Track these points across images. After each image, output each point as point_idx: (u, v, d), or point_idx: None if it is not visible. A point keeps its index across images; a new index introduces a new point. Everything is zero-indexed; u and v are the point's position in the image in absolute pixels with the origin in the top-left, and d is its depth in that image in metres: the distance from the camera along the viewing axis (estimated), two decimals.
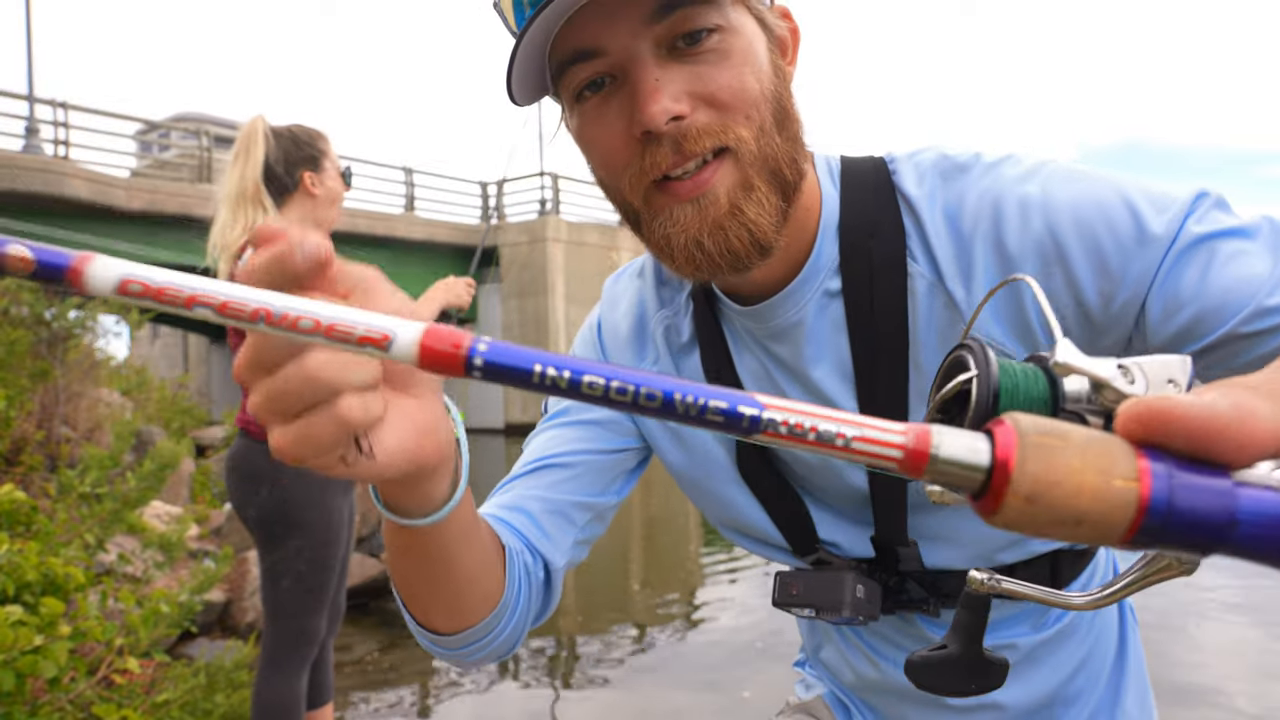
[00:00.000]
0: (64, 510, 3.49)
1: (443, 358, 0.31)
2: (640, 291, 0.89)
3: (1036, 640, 0.85)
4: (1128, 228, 0.65)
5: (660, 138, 0.64)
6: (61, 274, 0.33)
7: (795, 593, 0.81)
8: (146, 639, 2.66)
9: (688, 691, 3.65)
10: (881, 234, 0.72)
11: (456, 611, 0.68)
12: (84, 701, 2.43)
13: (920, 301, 0.72)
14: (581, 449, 0.85)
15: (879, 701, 0.94)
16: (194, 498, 6.63)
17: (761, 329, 0.78)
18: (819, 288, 0.75)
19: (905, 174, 0.74)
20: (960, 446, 0.30)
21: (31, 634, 2.18)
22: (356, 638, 4.40)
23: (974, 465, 0.30)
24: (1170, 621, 4.23)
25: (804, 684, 1.07)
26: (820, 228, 0.74)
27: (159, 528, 4.23)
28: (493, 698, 3.65)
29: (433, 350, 0.32)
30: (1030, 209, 0.67)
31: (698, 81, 0.64)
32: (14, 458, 5.07)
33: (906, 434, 0.30)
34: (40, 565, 2.55)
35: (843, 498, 0.82)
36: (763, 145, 0.66)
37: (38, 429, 5.44)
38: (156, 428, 7.33)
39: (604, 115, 0.67)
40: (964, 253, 0.70)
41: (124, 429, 3.97)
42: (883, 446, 0.30)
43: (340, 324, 0.32)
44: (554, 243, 19.97)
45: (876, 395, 0.74)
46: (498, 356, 0.31)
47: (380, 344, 0.32)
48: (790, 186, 0.68)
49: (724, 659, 4.02)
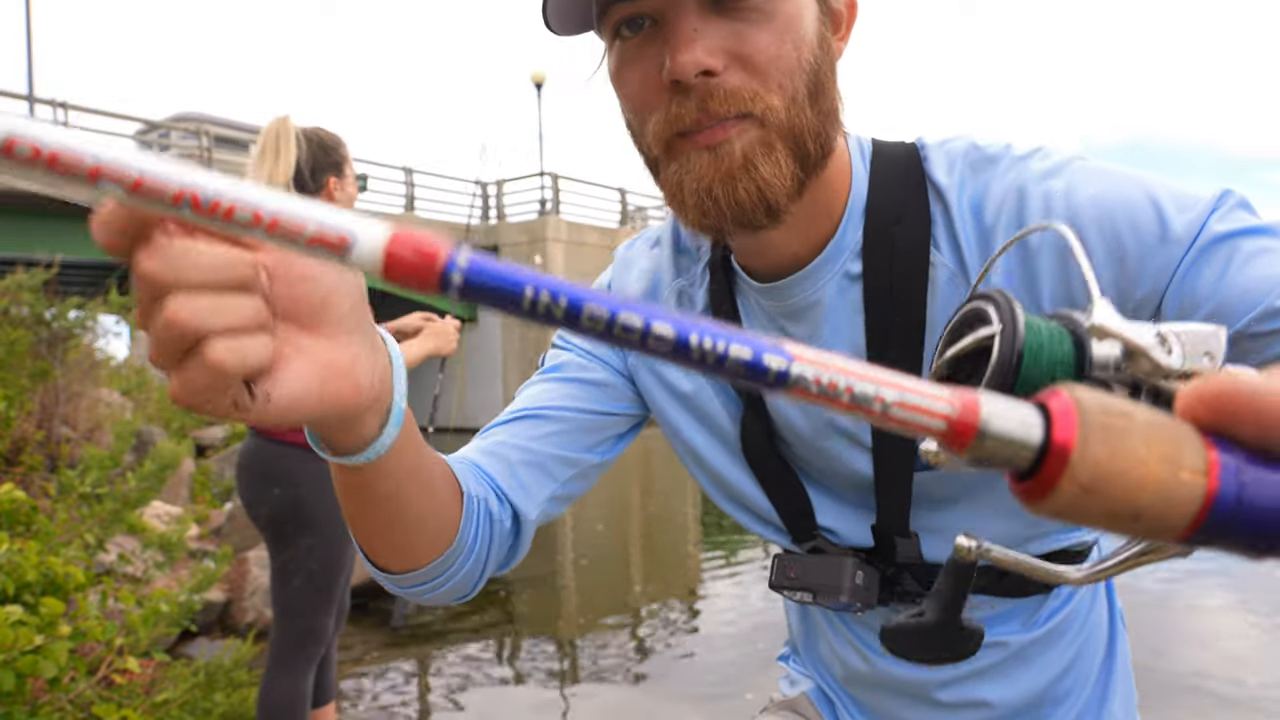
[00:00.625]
0: (64, 510, 3.49)
1: (413, 269, 0.26)
2: (655, 259, 0.88)
3: (1027, 639, 0.85)
4: (1150, 225, 0.64)
5: (689, 90, 0.63)
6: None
7: (793, 575, 0.80)
8: (146, 639, 2.66)
9: (688, 692, 3.66)
10: (907, 220, 0.72)
11: (405, 550, 0.66)
12: (84, 701, 2.43)
13: (940, 291, 0.71)
14: (573, 405, 0.83)
15: (867, 696, 0.93)
16: (194, 498, 6.64)
17: (778, 307, 0.77)
18: (840, 269, 0.74)
19: (936, 161, 0.73)
20: (1013, 420, 0.26)
21: (31, 634, 2.18)
22: (356, 638, 4.40)
23: (1026, 443, 0.26)
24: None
25: (788, 679, 1.06)
26: (847, 209, 0.73)
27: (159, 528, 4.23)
28: (492, 697, 3.65)
29: (400, 259, 0.26)
30: (1053, 203, 0.67)
31: (735, 39, 0.63)
32: (14, 458, 5.07)
33: (952, 402, 0.26)
34: (40, 565, 2.55)
35: (846, 484, 0.81)
36: (792, 116, 0.65)
37: (38, 429, 5.44)
38: (156, 428, 7.33)
39: (639, 57, 0.66)
40: (986, 244, 0.70)
41: (124, 429, 3.97)
42: (925, 415, 0.26)
43: (287, 219, 0.26)
44: (554, 243, 19.98)
45: None
46: (481, 272, 0.25)
47: (336, 248, 0.26)
48: (812, 160, 0.67)
49: (724, 660, 4.03)
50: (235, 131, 17.81)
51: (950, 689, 0.86)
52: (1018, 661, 0.85)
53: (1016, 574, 0.60)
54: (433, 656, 4.21)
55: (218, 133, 16.87)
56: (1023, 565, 0.41)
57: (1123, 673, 0.94)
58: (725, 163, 0.64)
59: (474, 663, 4.11)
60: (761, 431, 0.82)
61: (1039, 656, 0.85)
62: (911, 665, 0.85)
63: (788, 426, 0.81)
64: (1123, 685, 0.93)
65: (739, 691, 3.63)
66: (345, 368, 0.43)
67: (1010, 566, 0.41)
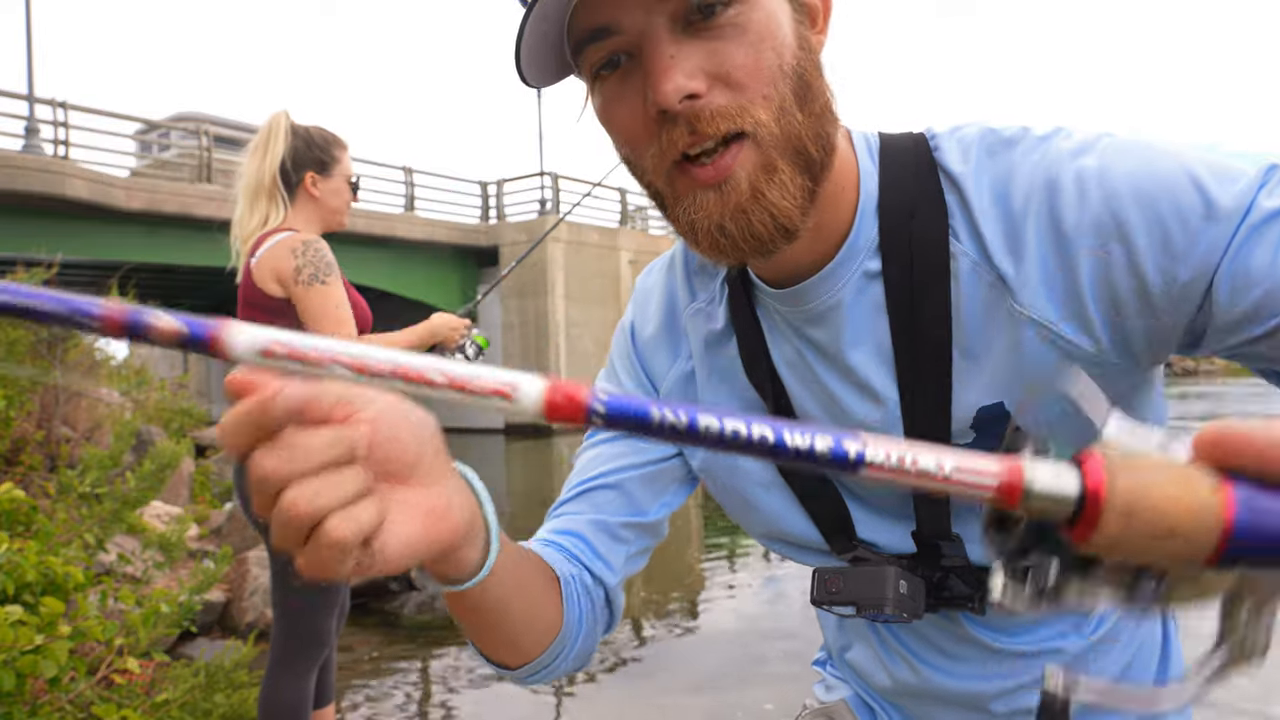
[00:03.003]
0: (64, 510, 3.49)
1: (566, 410, 0.34)
2: (670, 284, 0.88)
3: (1082, 645, 0.82)
4: (1193, 202, 0.61)
5: (676, 117, 0.62)
6: (205, 344, 0.34)
7: (835, 590, 0.78)
8: (146, 639, 2.65)
9: (688, 694, 3.65)
10: (922, 213, 0.70)
11: (518, 649, 0.71)
12: (84, 701, 2.43)
13: (963, 281, 0.69)
14: (626, 464, 0.85)
15: (914, 707, 0.90)
16: (194, 498, 6.64)
17: (798, 313, 0.75)
18: (858, 269, 0.72)
19: (948, 150, 0.71)
20: (1052, 475, 0.31)
21: (31, 634, 2.18)
22: (357, 638, 4.40)
23: (1065, 494, 0.31)
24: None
25: (824, 685, 1.03)
26: (859, 207, 0.72)
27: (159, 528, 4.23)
28: (492, 698, 3.65)
29: (555, 403, 0.34)
30: (1087, 183, 0.64)
31: (712, 58, 0.62)
32: (14, 458, 5.07)
33: (1001, 467, 0.31)
34: (40, 565, 2.55)
35: (883, 491, 0.79)
36: (783, 124, 0.63)
37: (38, 429, 5.44)
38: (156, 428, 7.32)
39: (622, 94, 0.65)
40: (1013, 230, 0.67)
41: (124, 429, 3.97)
42: (979, 476, 0.31)
43: (471, 380, 0.34)
44: (554, 243, 19.97)
45: (918, 378, 0.71)
46: (617, 406, 0.33)
47: (507, 396, 0.34)
48: (817, 164, 0.66)
49: (725, 661, 4.02)
50: (235, 131, 17.80)
51: (1004, 700, 0.84)
52: (1079, 666, 0.83)
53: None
54: (433, 657, 4.21)
55: (218, 133, 16.87)
56: (1117, 695, 0.40)
57: (1177, 668, 0.91)
58: (733, 198, 0.63)
59: (474, 662, 4.11)
60: None
61: (1091, 664, 0.83)
62: (964, 678, 0.83)
63: None
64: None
65: (739, 692, 3.62)
66: (442, 511, 0.48)
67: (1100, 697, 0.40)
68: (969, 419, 0.71)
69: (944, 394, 0.70)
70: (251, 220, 2.22)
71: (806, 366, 0.78)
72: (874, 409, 0.75)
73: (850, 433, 0.32)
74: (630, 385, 0.89)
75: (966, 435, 0.71)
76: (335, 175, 2.29)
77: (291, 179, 2.24)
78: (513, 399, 0.34)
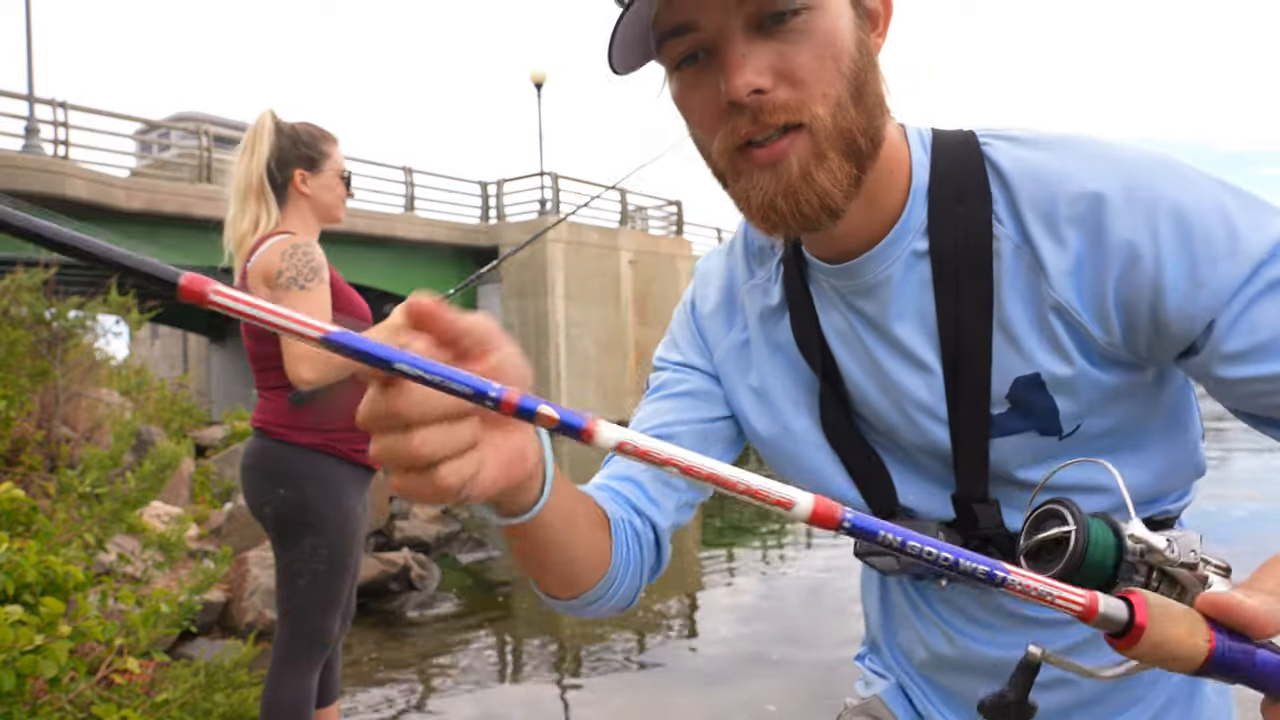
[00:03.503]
0: (64, 510, 3.49)
1: (824, 518, 0.45)
2: (729, 265, 0.96)
3: None
4: (1221, 236, 0.68)
5: (743, 108, 0.70)
6: (579, 432, 0.43)
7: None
8: (146, 639, 2.66)
9: (688, 692, 3.66)
10: (969, 199, 0.77)
11: (569, 581, 0.78)
12: (84, 701, 2.43)
13: (1005, 262, 0.76)
14: (680, 419, 0.93)
15: (952, 681, 0.93)
16: (194, 498, 6.64)
17: (850, 286, 0.82)
18: (907, 248, 0.79)
19: (996, 146, 0.78)
20: (1114, 607, 0.49)
21: (31, 634, 2.18)
22: (356, 638, 4.40)
23: (1120, 619, 0.49)
24: None
25: (864, 681, 1.06)
26: (910, 192, 0.79)
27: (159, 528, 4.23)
28: (492, 698, 3.65)
29: (819, 513, 0.45)
30: (1134, 200, 0.70)
31: (780, 59, 0.70)
32: (14, 458, 5.07)
33: (1085, 597, 0.48)
34: (40, 565, 2.55)
35: (924, 454, 0.84)
36: (838, 119, 0.71)
37: (38, 429, 5.44)
38: (156, 427, 7.32)
39: (698, 85, 0.73)
40: (1054, 224, 0.73)
41: (124, 429, 3.97)
42: (1070, 603, 0.48)
43: (766, 492, 0.44)
44: (554, 243, 19.97)
45: (961, 350, 0.78)
46: (859, 521, 0.45)
47: (787, 506, 0.44)
48: (864, 154, 0.74)
49: (725, 662, 4.03)
50: (235, 131, 17.77)
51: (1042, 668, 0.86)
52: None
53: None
54: (433, 657, 4.21)
55: (217, 133, 16.87)
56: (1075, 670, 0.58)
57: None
58: (785, 177, 0.72)
59: (474, 663, 4.11)
60: (841, 410, 0.87)
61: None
62: (998, 646, 0.87)
63: (864, 403, 0.86)
64: None
65: (739, 692, 3.62)
66: (520, 453, 0.54)
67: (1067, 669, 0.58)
68: (1006, 389, 0.77)
69: (985, 366, 0.77)
70: (243, 222, 2.21)
71: (856, 337, 0.84)
72: (919, 378, 0.81)
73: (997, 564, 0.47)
74: (690, 353, 0.97)
75: (1002, 405, 0.78)
76: (325, 171, 2.27)
77: (279, 178, 2.24)
78: (790, 508, 0.44)
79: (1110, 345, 0.73)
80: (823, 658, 3.98)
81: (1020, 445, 0.79)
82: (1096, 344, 0.74)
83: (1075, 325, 0.73)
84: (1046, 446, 0.78)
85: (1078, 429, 0.77)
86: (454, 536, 7.07)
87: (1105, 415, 0.77)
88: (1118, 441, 0.79)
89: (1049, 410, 0.76)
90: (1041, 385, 0.76)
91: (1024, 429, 0.77)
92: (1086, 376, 0.75)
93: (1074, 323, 0.73)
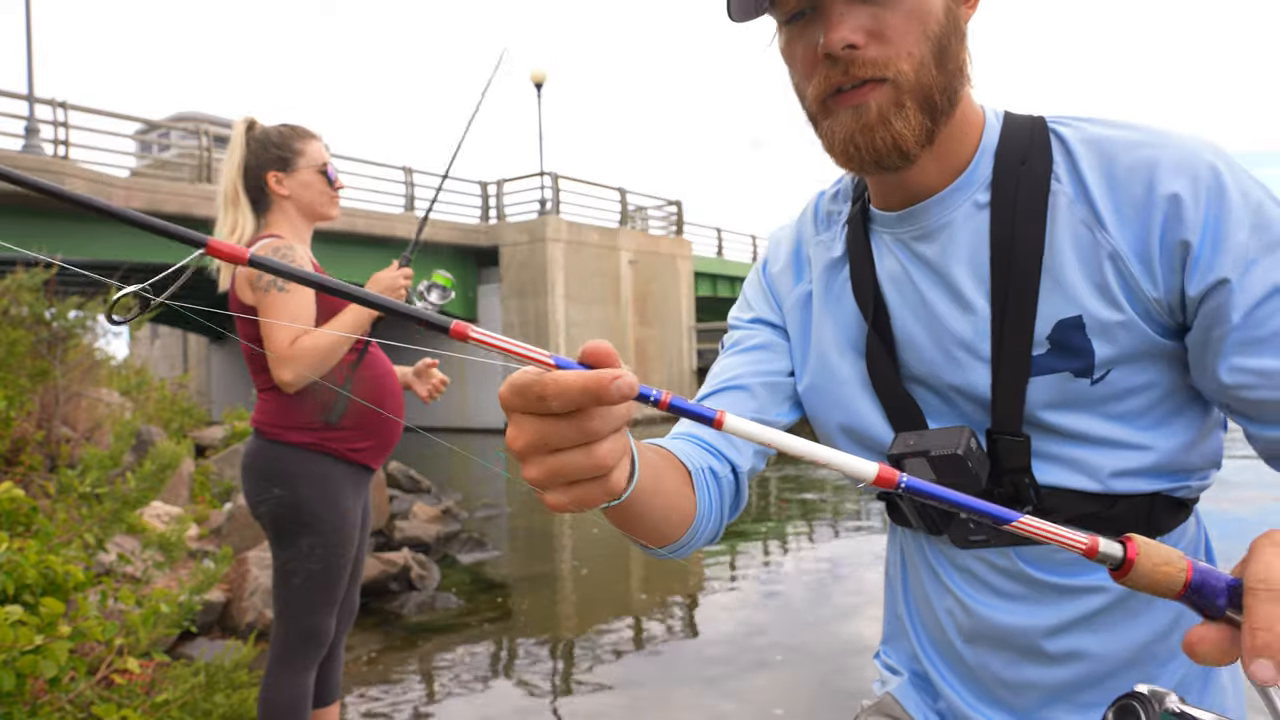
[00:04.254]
0: (64, 510, 3.49)
1: (885, 480, 0.52)
2: (798, 228, 1.06)
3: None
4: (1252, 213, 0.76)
5: (837, 60, 0.80)
6: (710, 421, 0.51)
7: (911, 442, 0.88)
8: (146, 639, 2.66)
9: (689, 694, 3.65)
10: (1032, 160, 0.85)
11: (660, 535, 0.84)
12: (84, 701, 2.43)
13: (1060, 215, 0.83)
14: (753, 370, 1.01)
15: (971, 657, 0.95)
16: (194, 498, 6.63)
17: (912, 230, 0.90)
18: (970, 198, 0.88)
19: (1063, 123, 0.87)
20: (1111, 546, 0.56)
21: (31, 634, 2.18)
22: (356, 638, 4.40)
23: (1117, 555, 0.56)
24: None
25: (880, 681, 1.09)
26: (979, 150, 0.88)
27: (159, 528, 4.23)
28: (492, 698, 3.65)
29: (882, 477, 0.52)
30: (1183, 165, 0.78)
31: (873, 20, 0.80)
32: (14, 458, 5.07)
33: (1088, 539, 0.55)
34: (40, 565, 2.55)
35: (960, 395, 0.89)
36: (919, 76, 0.80)
37: (38, 429, 5.44)
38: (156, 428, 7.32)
39: (802, 37, 0.84)
40: (1112, 184, 0.81)
41: (124, 429, 3.97)
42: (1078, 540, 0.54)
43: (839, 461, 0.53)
44: (554, 243, 19.97)
45: (1009, 293, 0.85)
46: (915, 484, 0.53)
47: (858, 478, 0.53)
48: (939, 110, 0.83)
49: (727, 662, 4.02)
50: None
51: (1055, 639, 0.89)
52: (1122, 612, 0.88)
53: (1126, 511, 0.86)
54: (433, 657, 4.21)
55: (217, 133, 16.86)
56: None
57: None
58: (864, 118, 0.81)
59: (474, 662, 4.11)
60: (885, 353, 0.93)
61: (1144, 609, 0.88)
62: (1011, 613, 0.91)
63: (910, 345, 0.92)
64: None
65: (741, 692, 3.62)
66: (628, 447, 0.58)
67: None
68: (1049, 331, 0.83)
69: (1030, 308, 0.84)
70: (223, 230, 2.23)
71: (909, 280, 0.92)
72: (965, 319, 0.87)
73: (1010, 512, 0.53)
74: (761, 307, 1.05)
75: (1043, 345, 0.84)
76: (301, 169, 2.27)
77: (256, 183, 2.25)
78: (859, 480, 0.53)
79: (1156, 302, 0.80)
80: (826, 657, 3.98)
81: (1054, 385, 0.84)
82: (1143, 296, 0.80)
83: (1126, 274, 0.80)
84: (1078, 390, 0.83)
85: (1107, 374, 0.82)
86: (454, 536, 7.06)
87: (1137, 372, 0.82)
88: (1147, 404, 0.84)
89: (1086, 352, 0.82)
90: (1082, 327, 0.82)
91: (1060, 369, 0.83)
92: (1130, 327, 0.80)
93: (1125, 271, 0.80)
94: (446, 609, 5.04)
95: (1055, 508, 0.86)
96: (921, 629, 1.02)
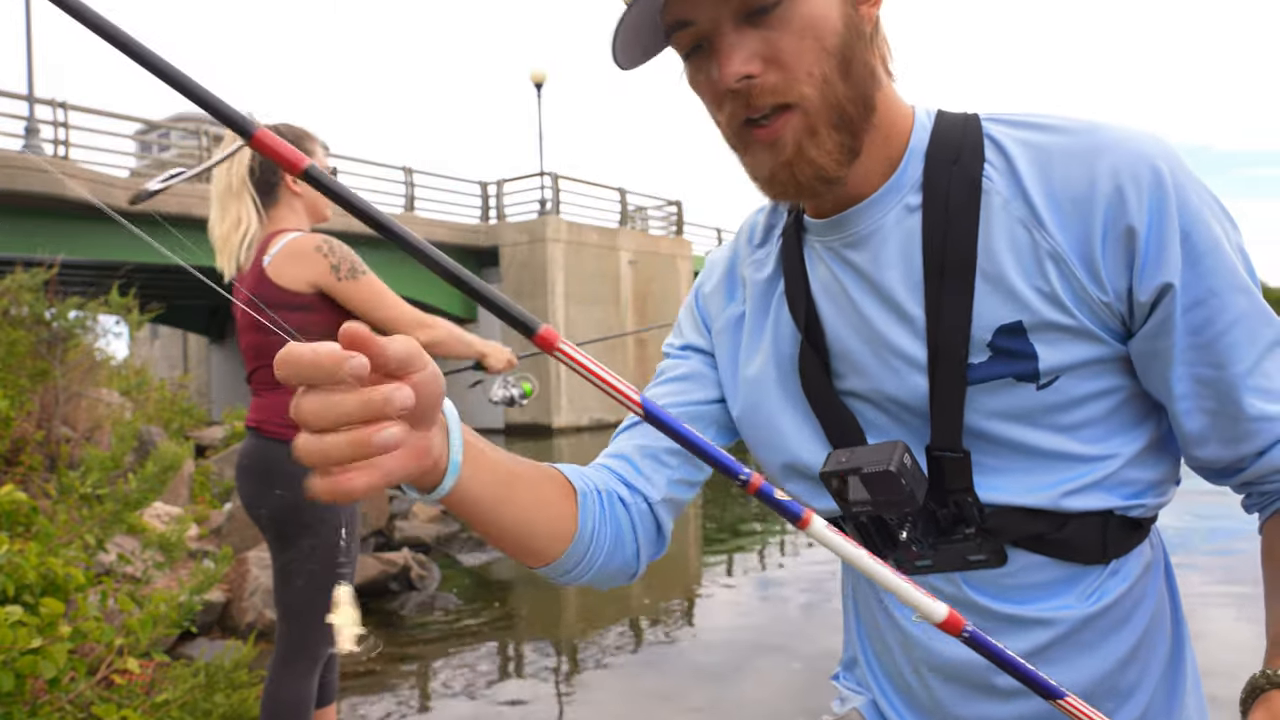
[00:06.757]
0: (64, 511, 3.49)
1: (951, 628, 0.58)
2: (732, 249, 1.03)
3: (1080, 615, 0.82)
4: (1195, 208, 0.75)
5: (736, 92, 0.77)
6: (796, 519, 0.53)
7: (844, 459, 0.83)
8: (146, 639, 2.65)
9: (688, 694, 3.65)
10: (964, 159, 0.82)
11: (525, 550, 0.81)
12: (84, 702, 2.43)
13: (995, 214, 0.80)
14: (674, 401, 0.98)
15: (922, 692, 0.91)
16: (194, 498, 6.63)
17: (842, 238, 0.87)
18: (900, 201, 0.84)
19: (998, 119, 0.84)
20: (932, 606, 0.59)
21: (31, 634, 2.18)
22: None
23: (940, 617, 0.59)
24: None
25: (840, 699, 1.04)
26: (908, 151, 0.84)
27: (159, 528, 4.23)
28: (492, 698, 3.65)
29: (948, 623, 0.57)
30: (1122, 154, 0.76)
31: (765, 45, 0.76)
32: (14, 458, 5.07)
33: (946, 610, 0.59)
34: (40, 566, 2.55)
35: (900, 407, 0.85)
36: (825, 94, 0.77)
37: (38, 429, 5.44)
38: (156, 428, 7.32)
39: (703, 71, 0.80)
40: (1049, 180, 0.78)
41: (125, 430, 3.96)
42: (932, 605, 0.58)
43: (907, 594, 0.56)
44: (554, 243, 19.96)
45: (943, 298, 0.81)
46: (980, 638, 0.56)
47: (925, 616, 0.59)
48: (855, 122, 0.79)
49: (725, 663, 4.02)
50: None
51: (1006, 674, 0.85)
52: (1076, 644, 0.84)
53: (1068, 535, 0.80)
54: (433, 657, 4.21)
55: (217, 133, 16.84)
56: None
57: (1192, 668, 0.91)
58: (782, 154, 0.78)
59: (474, 662, 4.11)
60: (819, 367, 0.89)
61: (1099, 641, 0.84)
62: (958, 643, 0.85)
63: (845, 356, 0.88)
64: (1193, 681, 0.90)
65: (739, 692, 3.62)
66: (424, 450, 0.58)
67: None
68: (988, 337, 0.79)
69: (965, 313, 0.80)
70: (224, 223, 2.24)
71: (842, 290, 0.88)
72: (901, 327, 0.83)
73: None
74: (690, 334, 1.02)
75: (983, 352, 0.79)
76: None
77: (270, 179, 2.26)
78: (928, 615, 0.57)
79: (1104, 304, 0.76)
80: (826, 658, 3.98)
81: (997, 394, 0.79)
82: (1090, 298, 0.76)
83: (1070, 277, 0.76)
84: (1024, 399, 0.79)
85: (1055, 381, 0.77)
86: (454, 536, 7.06)
87: (1088, 379, 0.78)
88: (1100, 414, 0.79)
89: (1029, 355, 0.77)
90: (1023, 331, 0.78)
91: (1002, 375, 0.78)
92: (1079, 332, 0.77)
93: (1069, 273, 0.76)
94: (446, 609, 5.04)
95: (1001, 528, 0.81)
96: (874, 658, 0.98)
